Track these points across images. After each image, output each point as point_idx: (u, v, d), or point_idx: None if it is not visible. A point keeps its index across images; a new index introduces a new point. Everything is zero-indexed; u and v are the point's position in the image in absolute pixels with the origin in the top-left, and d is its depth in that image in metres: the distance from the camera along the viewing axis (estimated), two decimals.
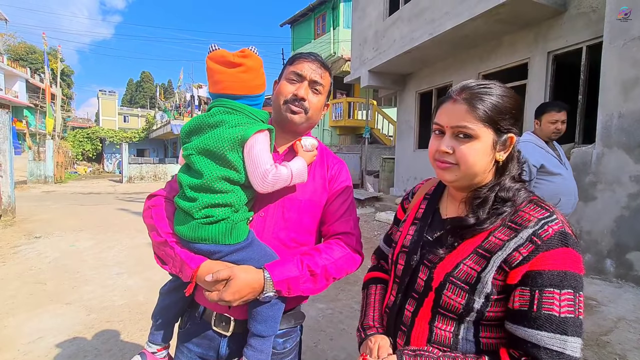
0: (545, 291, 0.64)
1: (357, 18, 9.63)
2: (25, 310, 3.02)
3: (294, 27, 18.37)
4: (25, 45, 34.30)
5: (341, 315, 3.13)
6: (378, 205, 8.65)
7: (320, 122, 16.93)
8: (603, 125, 3.92)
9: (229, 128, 0.89)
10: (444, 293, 0.73)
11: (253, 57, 0.93)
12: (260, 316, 0.91)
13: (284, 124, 1.05)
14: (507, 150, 0.76)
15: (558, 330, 0.63)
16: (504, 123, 0.74)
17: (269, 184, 0.89)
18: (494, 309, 0.71)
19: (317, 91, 1.03)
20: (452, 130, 0.75)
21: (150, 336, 1.09)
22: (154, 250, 0.96)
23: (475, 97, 0.73)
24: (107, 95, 45.59)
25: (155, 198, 1.01)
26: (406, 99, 9.34)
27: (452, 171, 0.76)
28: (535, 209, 0.72)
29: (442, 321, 0.75)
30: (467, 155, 0.74)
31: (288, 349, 1.05)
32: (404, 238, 0.89)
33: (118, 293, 3.47)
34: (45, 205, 8.56)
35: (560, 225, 0.68)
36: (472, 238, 0.74)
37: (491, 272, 0.70)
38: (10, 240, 5.23)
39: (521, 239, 0.68)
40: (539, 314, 0.64)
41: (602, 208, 3.88)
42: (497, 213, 0.73)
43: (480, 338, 0.72)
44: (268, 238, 0.99)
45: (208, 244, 0.87)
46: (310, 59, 1.03)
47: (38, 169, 13.70)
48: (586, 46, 5.00)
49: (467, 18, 5.51)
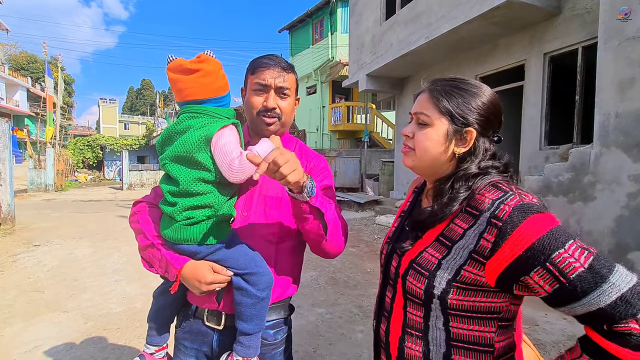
0: (554, 258, 0.60)
1: (354, 23, 9.71)
2: (22, 319, 3.00)
3: (292, 32, 18.51)
4: (26, 54, 34.63)
5: (340, 320, 3.10)
6: (378, 209, 8.63)
7: (319, 126, 17.06)
8: (600, 125, 3.92)
9: (194, 131, 0.91)
10: (408, 279, 0.76)
11: (210, 60, 0.94)
12: (244, 315, 0.95)
13: (261, 133, 1.09)
14: (466, 145, 0.76)
15: (598, 280, 0.58)
16: (461, 115, 0.75)
17: (238, 171, 0.89)
18: (456, 296, 0.70)
19: (285, 95, 1.06)
20: (415, 117, 0.80)
21: (148, 338, 1.13)
22: (141, 253, 0.99)
23: (439, 88, 0.77)
24: (108, 103, 45.87)
25: (141, 204, 1.06)
26: (404, 102, 9.37)
27: (410, 156, 0.81)
28: (491, 190, 0.71)
29: (413, 307, 0.76)
30: (420, 141, 0.78)
31: (279, 340, 1.08)
32: (391, 230, 0.94)
33: (116, 300, 3.45)
34: (45, 213, 8.56)
35: (517, 200, 0.66)
36: (435, 227, 0.76)
37: (456, 261, 0.70)
38: (9, 249, 5.22)
39: (481, 225, 0.67)
40: (571, 280, 0.59)
41: (601, 208, 3.86)
42: (452, 199, 0.73)
43: (450, 327, 0.72)
44: (252, 236, 1.02)
45: (190, 245, 0.91)
46: (269, 65, 1.03)
47: (38, 177, 13.72)
48: (582, 47, 5.02)
49: (463, 21, 5.55)
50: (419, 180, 0.98)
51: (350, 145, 15.57)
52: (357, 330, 2.91)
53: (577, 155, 4.09)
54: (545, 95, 5.58)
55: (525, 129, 5.90)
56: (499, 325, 0.72)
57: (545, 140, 5.64)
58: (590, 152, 3.97)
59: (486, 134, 0.77)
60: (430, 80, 0.81)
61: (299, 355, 2.51)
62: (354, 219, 7.97)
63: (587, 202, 3.97)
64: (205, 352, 1.06)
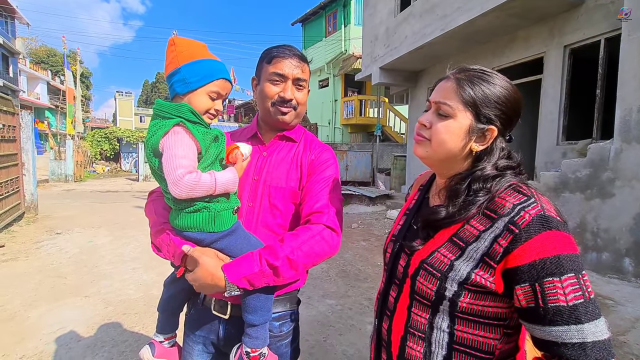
0: (545, 282, 0.59)
1: (368, 15, 9.58)
2: (46, 303, 3.16)
3: (305, 25, 18.40)
4: (46, 48, 35.45)
5: (350, 312, 3.15)
6: (389, 203, 8.60)
7: (331, 120, 16.98)
8: (621, 120, 3.80)
9: (147, 140, 0.89)
10: (418, 279, 0.73)
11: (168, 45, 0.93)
12: (250, 307, 0.96)
13: (274, 124, 1.09)
14: (485, 143, 0.73)
15: (571, 320, 0.58)
16: (487, 112, 0.71)
17: (181, 189, 0.83)
18: (467, 299, 0.68)
19: (302, 86, 1.06)
20: (435, 106, 0.75)
21: (158, 326, 1.15)
22: (151, 239, 1.01)
23: (467, 79, 0.72)
24: (124, 96, 46.70)
25: (155, 194, 1.08)
26: (418, 95, 9.25)
27: (424, 146, 0.76)
28: (512, 194, 0.68)
29: (419, 307, 0.74)
30: (439, 133, 0.73)
31: (285, 332, 1.09)
32: (395, 228, 0.91)
33: (134, 287, 3.59)
34: (65, 203, 8.86)
35: (538, 209, 0.64)
36: (448, 227, 0.73)
37: (468, 263, 0.67)
38: (33, 236, 5.45)
39: (497, 229, 0.65)
40: (547, 308, 0.60)
41: (620, 205, 3.76)
42: (470, 202, 0.70)
43: (454, 330, 0.70)
44: (257, 226, 1.04)
45: (194, 232, 0.92)
46: (288, 55, 1.02)
47: (59, 168, 14.14)
48: (604, 39, 4.85)
49: (480, 13, 5.42)
50: (424, 178, 0.96)
51: (362, 139, 15.48)
52: (367, 322, 2.94)
53: (597, 151, 3.98)
54: (564, 89, 5.42)
55: (543, 123, 5.75)
56: (504, 333, 0.70)
57: (562, 136, 5.50)
58: (611, 148, 3.86)
59: (504, 133, 0.75)
60: (458, 68, 0.76)
61: (310, 344, 2.57)
62: (364, 212, 7.98)
63: (605, 199, 3.87)
64: (212, 340, 1.09)
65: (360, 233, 6.22)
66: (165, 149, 0.84)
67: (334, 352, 2.51)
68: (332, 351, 2.53)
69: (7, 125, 5.76)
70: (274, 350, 1.03)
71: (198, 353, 1.11)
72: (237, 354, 0.98)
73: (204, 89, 0.91)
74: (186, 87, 0.90)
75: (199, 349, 1.11)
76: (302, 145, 1.12)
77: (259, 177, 1.07)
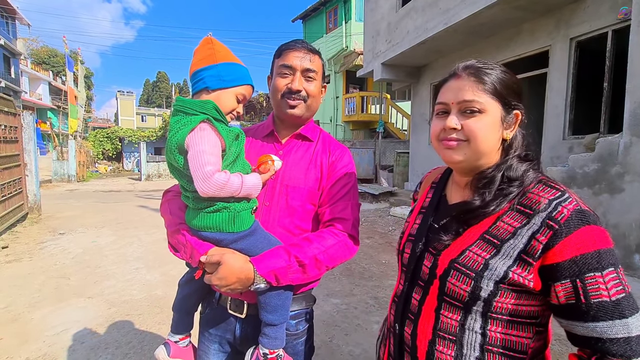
0: (587, 277, 0.59)
1: (369, 10, 9.49)
2: (50, 304, 3.14)
3: (306, 22, 18.30)
4: (47, 49, 35.56)
5: (356, 311, 3.11)
6: (393, 200, 8.55)
7: (333, 117, 16.93)
8: (631, 114, 3.72)
9: (171, 136, 0.87)
10: (449, 280, 0.71)
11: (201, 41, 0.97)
12: (269, 306, 0.94)
13: (285, 118, 1.07)
14: (513, 129, 0.74)
15: (615, 315, 0.58)
16: (510, 98, 0.72)
17: (209, 186, 0.82)
18: (503, 299, 0.66)
19: (311, 78, 1.04)
20: (459, 107, 0.72)
21: (173, 326, 1.14)
22: (168, 239, 1.01)
23: (480, 71, 0.72)
24: (125, 96, 46.83)
25: (170, 193, 1.08)
26: (420, 91, 9.16)
27: (462, 149, 0.72)
28: (544, 189, 0.68)
29: (448, 309, 0.72)
30: (477, 130, 0.70)
31: (301, 330, 1.08)
32: (411, 227, 0.88)
33: (137, 287, 3.56)
34: (68, 203, 8.87)
35: (574, 203, 0.63)
36: (478, 224, 0.71)
37: (505, 262, 0.66)
38: (36, 237, 5.44)
39: (535, 225, 0.64)
40: (590, 304, 0.59)
41: (630, 200, 3.69)
42: (503, 194, 0.69)
43: (487, 331, 0.68)
44: (274, 226, 1.02)
45: (213, 232, 0.90)
46: (296, 47, 1.03)
47: (61, 168, 14.19)
48: (612, 30, 4.75)
49: (484, 6, 5.33)
50: (434, 176, 0.94)
51: (365, 136, 15.42)
52: (373, 321, 2.91)
53: (605, 145, 3.91)
54: (570, 82, 5.33)
55: (548, 117, 5.67)
56: (536, 331, 0.69)
57: (569, 130, 5.42)
58: (619, 142, 3.79)
59: (523, 113, 0.75)
60: (462, 66, 0.75)
61: (316, 345, 2.52)
62: (368, 210, 7.93)
63: (614, 194, 3.80)
64: (228, 339, 1.08)
65: (363, 231, 6.17)
66: (191, 146, 0.84)
67: (340, 353, 2.48)
68: (339, 352, 2.49)
69: (9, 126, 5.75)
70: (290, 348, 1.04)
71: (214, 352, 1.10)
72: (254, 356, 0.96)
73: (235, 89, 0.95)
74: (220, 84, 0.92)
75: (215, 348, 1.10)
76: (321, 145, 1.11)
77: (276, 177, 1.05)
